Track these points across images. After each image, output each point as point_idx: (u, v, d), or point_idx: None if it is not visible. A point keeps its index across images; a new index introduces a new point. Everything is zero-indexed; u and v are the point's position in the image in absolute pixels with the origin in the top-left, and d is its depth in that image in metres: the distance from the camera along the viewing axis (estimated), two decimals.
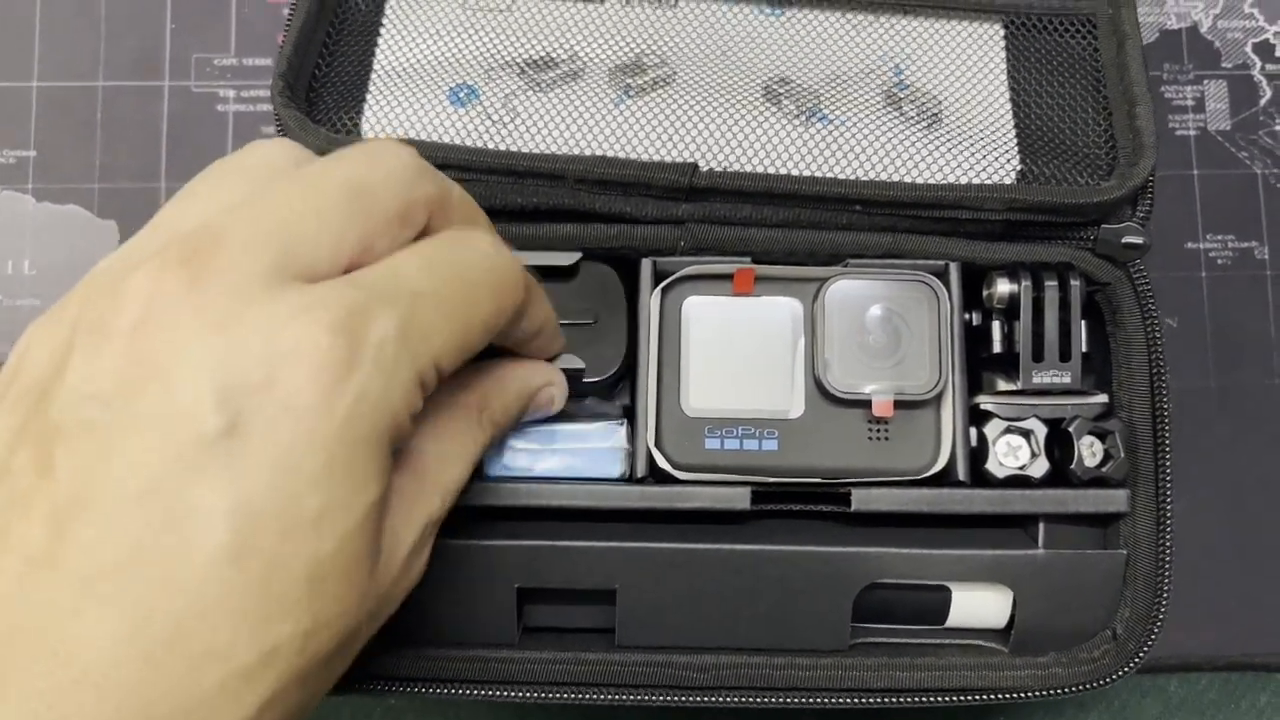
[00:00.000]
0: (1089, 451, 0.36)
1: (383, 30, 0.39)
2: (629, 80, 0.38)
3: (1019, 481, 0.36)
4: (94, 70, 0.43)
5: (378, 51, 0.39)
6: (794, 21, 0.40)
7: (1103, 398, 0.36)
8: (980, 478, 0.36)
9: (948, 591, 0.37)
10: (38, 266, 0.42)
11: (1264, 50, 0.44)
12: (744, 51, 0.40)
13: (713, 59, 0.39)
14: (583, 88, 0.38)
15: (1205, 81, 0.44)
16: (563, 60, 0.39)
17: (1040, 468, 0.36)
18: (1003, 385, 0.36)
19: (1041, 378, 0.36)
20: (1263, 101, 0.44)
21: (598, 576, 0.36)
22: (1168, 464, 0.36)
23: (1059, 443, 0.36)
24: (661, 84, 0.38)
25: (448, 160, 0.36)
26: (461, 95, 0.38)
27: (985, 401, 0.36)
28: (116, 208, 0.42)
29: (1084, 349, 0.37)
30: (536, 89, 0.38)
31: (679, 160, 0.36)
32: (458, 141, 0.37)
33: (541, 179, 0.36)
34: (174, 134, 0.43)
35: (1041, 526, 0.36)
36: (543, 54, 0.39)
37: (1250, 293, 0.43)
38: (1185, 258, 0.43)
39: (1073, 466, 0.36)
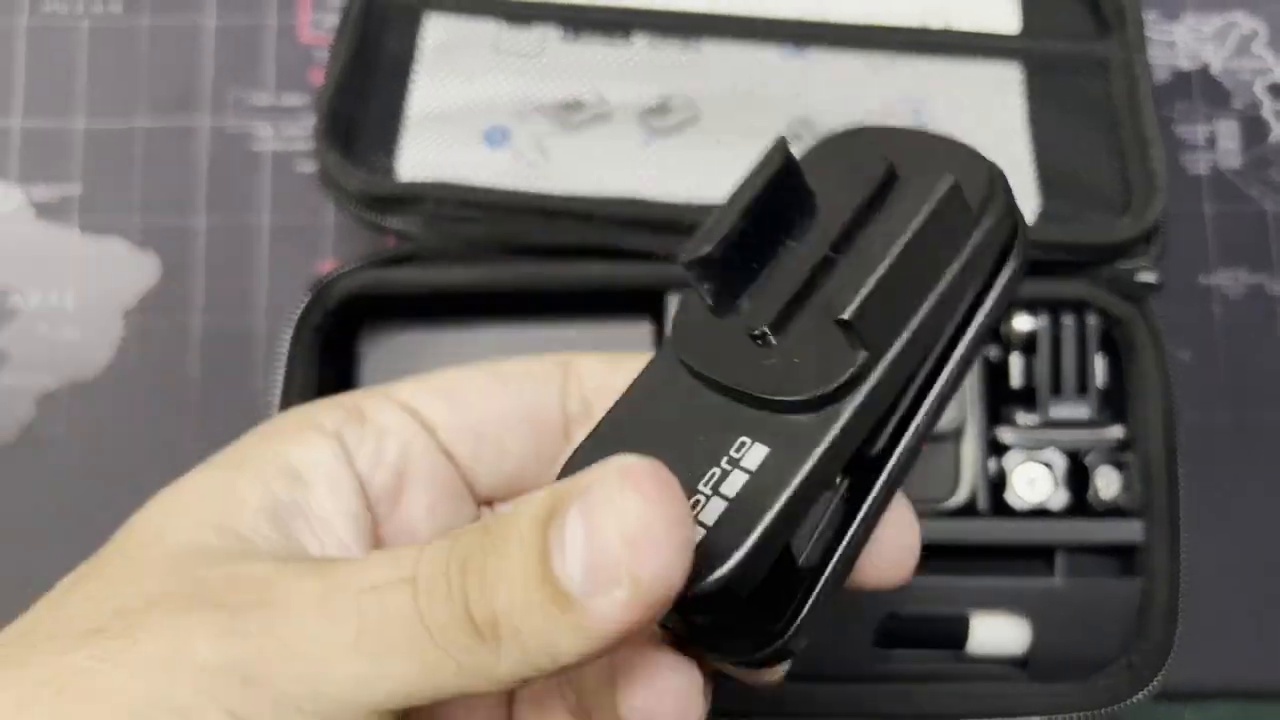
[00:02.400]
0: (1105, 483, 0.37)
1: (416, 74, 0.41)
2: (656, 122, 0.40)
3: (1038, 512, 0.37)
4: (135, 109, 0.45)
5: (412, 94, 0.40)
6: (816, 64, 0.41)
7: (1119, 430, 0.37)
8: (1000, 508, 0.37)
9: (967, 620, 0.37)
10: (81, 298, 0.43)
11: (1274, 90, 0.46)
12: (768, 93, 0.41)
13: (737, 101, 0.41)
14: (612, 129, 0.39)
15: (1216, 120, 0.45)
16: (592, 103, 0.40)
17: (1060, 499, 0.37)
18: (1022, 418, 0.37)
19: (1059, 411, 0.37)
20: (1272, 140, 0.45)
21: None
22: (1181, 496, 0.37)
23: (1076, 474, 0.37)
24: (687, 125, 0.40)
25: (482, 200, 0.37)
26: (495, 137, 0.39)
27: (1005, 434, 0.37)
28: (156, 241, 0.44)
29: (1100, 383, 0.38)
30: (567, 130, 0.39)
31: (706, 201, 0.38)
32: (491, 182, 0.38)
33: (572, 218, 0.37)
34: (212, 171, 0.44)
35: (1059, 556, 0.37)
36: (573, 96, 0.40)
37: (1262, 327, 0.43)
38: (1198, 293, 0.44)
39: (1089, 497, 0.36)
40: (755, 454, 0.18)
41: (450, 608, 0.16)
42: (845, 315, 0.17)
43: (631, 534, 0.16)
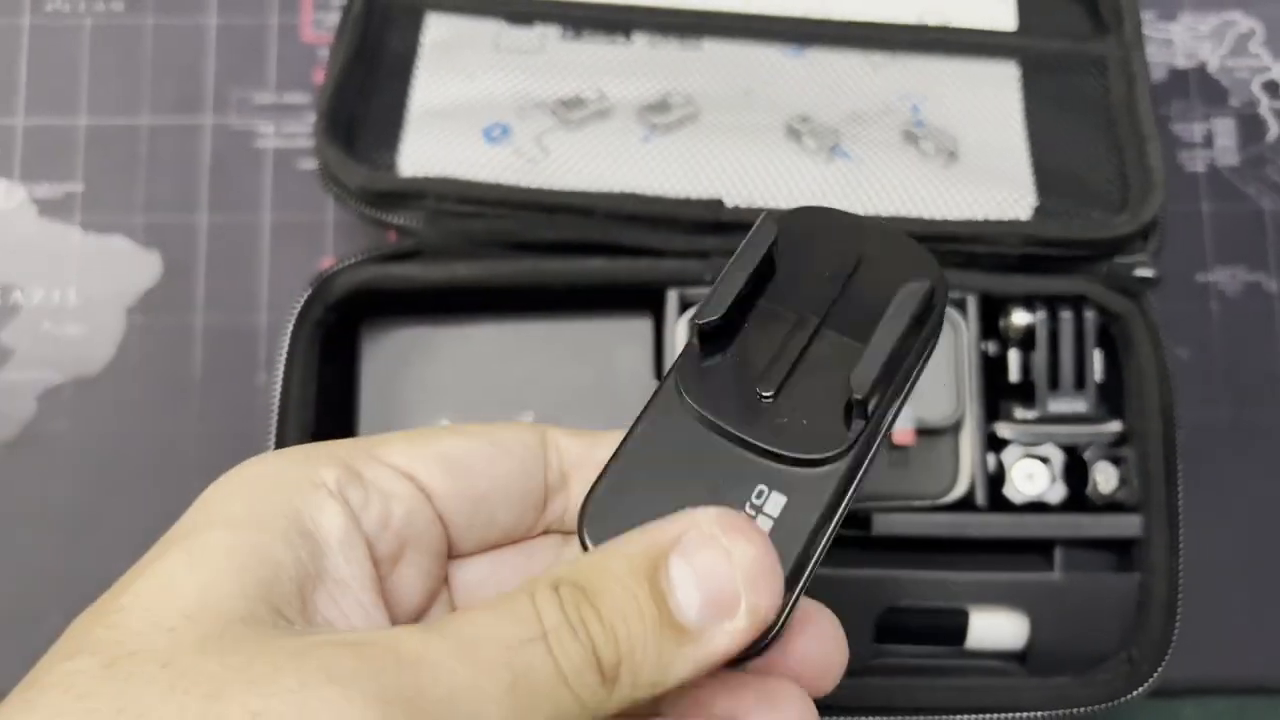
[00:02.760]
0: (1103, 477, 0.37)
1: (418, 71, 0.41)
2: (655, 119, 0.40)
3: (1036, 507, 0.37)
4: (139, 107, 0.45)
5: (414, 91, 0.41)
6: (814, 61, 0.42)
7: (1117, 425, 0.37)
8: (998, 503, 0.37)
9: (966, 614, 0.38)
10: (84, 295, 0.43)
11: (1271, 88, 0.46)
12: (767, 90, 0.41)
13: (736, 97, 0.41)
14: (611, 126, 0.40)
15: (1213, 119, 0.45)
16: (592, 99, 0.40)
17: (1057, 493, 0.37)
18: (1020, 413, 0.37)
19: (1058, 405, 0.37)
20: (1269, 138, 0.45)
21: None
22: (1180, 490, 0.37)
23: (1074, 469, 0.37)
24: (687, 122, 0.40)
25: (483, 196, 0.38)
26: (495, 134, 0.39)
27: (1003, 429, 0.37)
28: (159, 239, 0.44)
29: (1098, 378, 0.38)
30: (567, 127, 0.40)
31: (705, 196, 0.38)
32: (492, 178, 0.38)
33: (572, 214, 0.37)
34: (214, 168, 0.44)
35: (1058, 551, 0.37)
36: (573, 93, 0.40)
37: (1260, 324, 0.44)
38: (1195, 290, 0.44)
39: (1088, 492, 0.37)
40: (775, 501, 0.21)
41: (581, 653, 0.18)
42: (859, 395, 0.21)
43: (749, 573, 0.19)
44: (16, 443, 0.43)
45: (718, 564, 0.19)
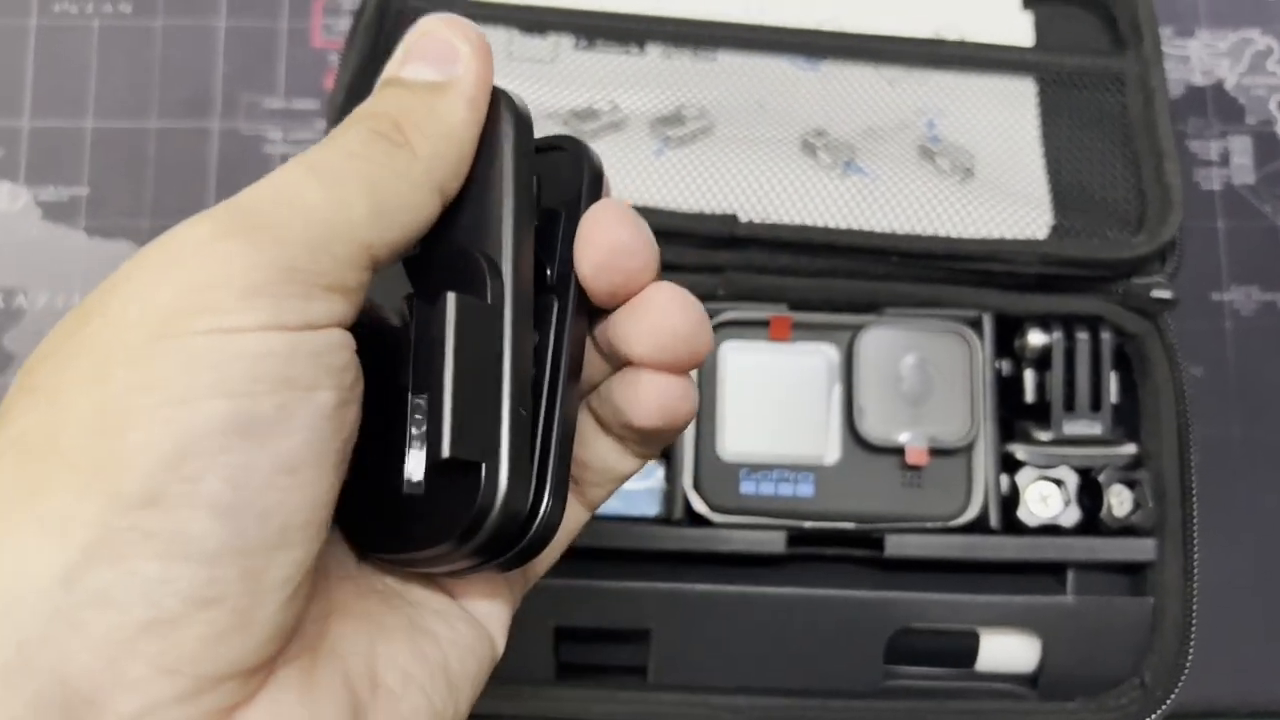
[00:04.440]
0: (1118, 500, 0.36)
1: None
2: (669, 131, 0.39)
3: (1050, 529, 0.37)
4: (147, 111, 0.45)
5: None
6: (829, 75, 0.41)
7: (1132, 448, 0.37)
8: (1012, 525, 0.37)
9: (977, 636, 0.37)
10: None
11: None
12: (781, 103, 0.41)
13: (750, 111, 0.40)
14: (625, 138, 0.39)
15: (1230, 136, 0.45)
16: (605, 111, 0.40)
17: (1071, 516, 0.36)
18: (1034, 434, 0.37)
19: (1073, 428, 0.37)
20: None
21: (633, 617, 0.36)
22: (1194, 513, 0.36)
23: (1089, 491, 0.37)
24: (701, 135, 0.39)
25: None
26: None
27: (1017, 450, 0.37)
28: None
29: (1114, 399, 0.37)
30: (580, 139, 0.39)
31: (719, 211, 0.37)
32: None
33: None
34: (222, 174, 0.44)
35: (1071, 574, 0.37)
36: (585, 105, 0.40)
37: (1274, 343, 0.43)
38: (1210, 309, 0.44)
39: (1102, 515, 0.36)
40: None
41: (365, 132, 0.21)
42: (445, 454, 0.20)
43: (446, 24, 0.22)
44: None
45: (419, 40, 0.22)
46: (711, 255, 0.37)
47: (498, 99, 0.22)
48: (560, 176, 0.23)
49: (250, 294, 0.19)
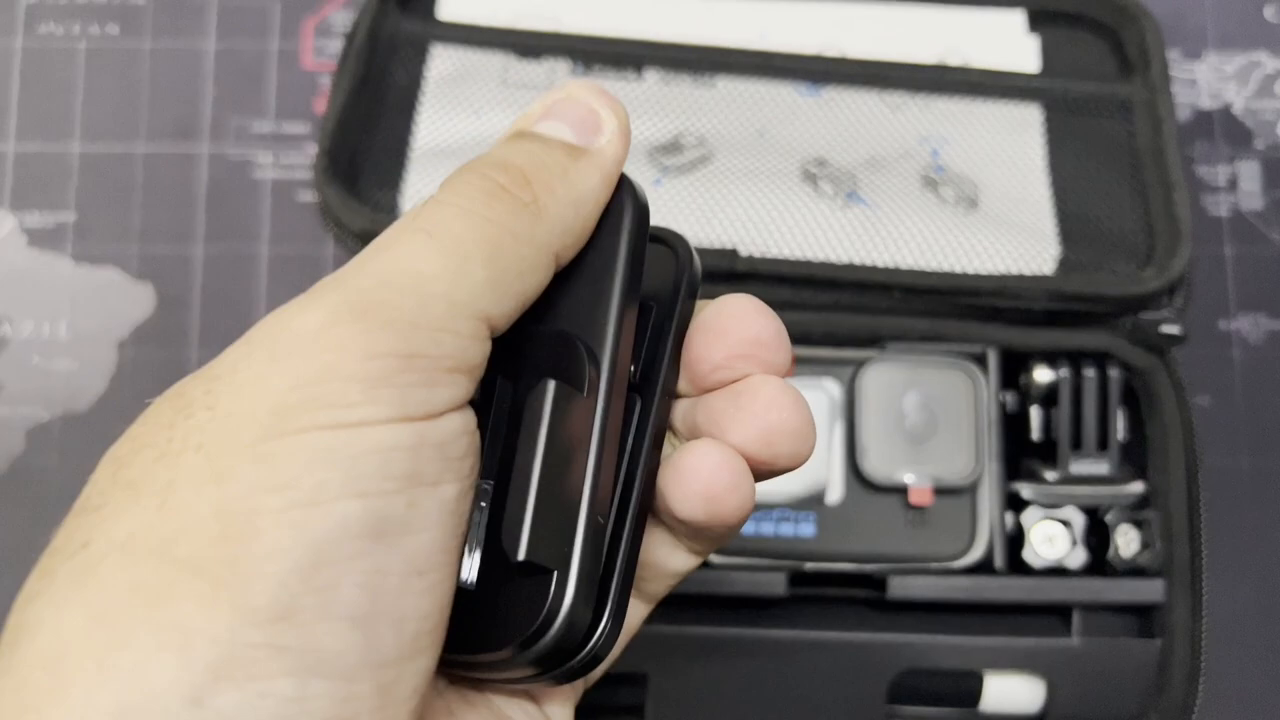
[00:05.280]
0: (1125, 541, 0.36)
1: (422, 107, 0.40)
2: (667, 160, 0.39)
3: (1055, 571, 0.36)
4: (134, 135, 0.44)
5: (417, 129, 0.39)
6: (831, 101, 0.40)
7: (1139, 486, 0.36)
8: (1017, 565, 0.36)
9: (981, 677, 0.36)
10: (74, 329, 0.42)
11: None
12: (781, 131, 0.40)
13: (750, 139, 0.40)
14: None
15: (1238, 161, 0.44)
16: None
17: (1078, 557, 0.36)
18: (1041, 473, 0.36)
19: (1080, 467, 0.36)
20: None
21: (631, 660, 0.35)
22: (1203, 552, 0.36)
23: (1095, 532, 0.36)
24: (700, 164, 0.39)
25: None
26: None
27: (1023, 489, 0.36)
28: (153, 270, 0.43)
29: (1121, 437, 0.37)
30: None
31: (718, 243, 0.37)
32: None
33: None
34: (211, 199, 0.43)
35: (1076, 615, 0.36)
36: None
37: None
38: (1218, 337, 0.43)
39: (1109, 557, 0.36)
40: None
41: (491, 186, 0.20)
42: (520, 557, 0.19)
43: (593, 94, 0.21)
44: (5, 479, 0.42)
45: (563, 101, 0.21)
46: (712, 290, 0.36)
47: (622, 182, 0.21)
48: (654, 270, 0.22)
49: (372, 385, 0.17)
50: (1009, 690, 0.37)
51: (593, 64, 0.41)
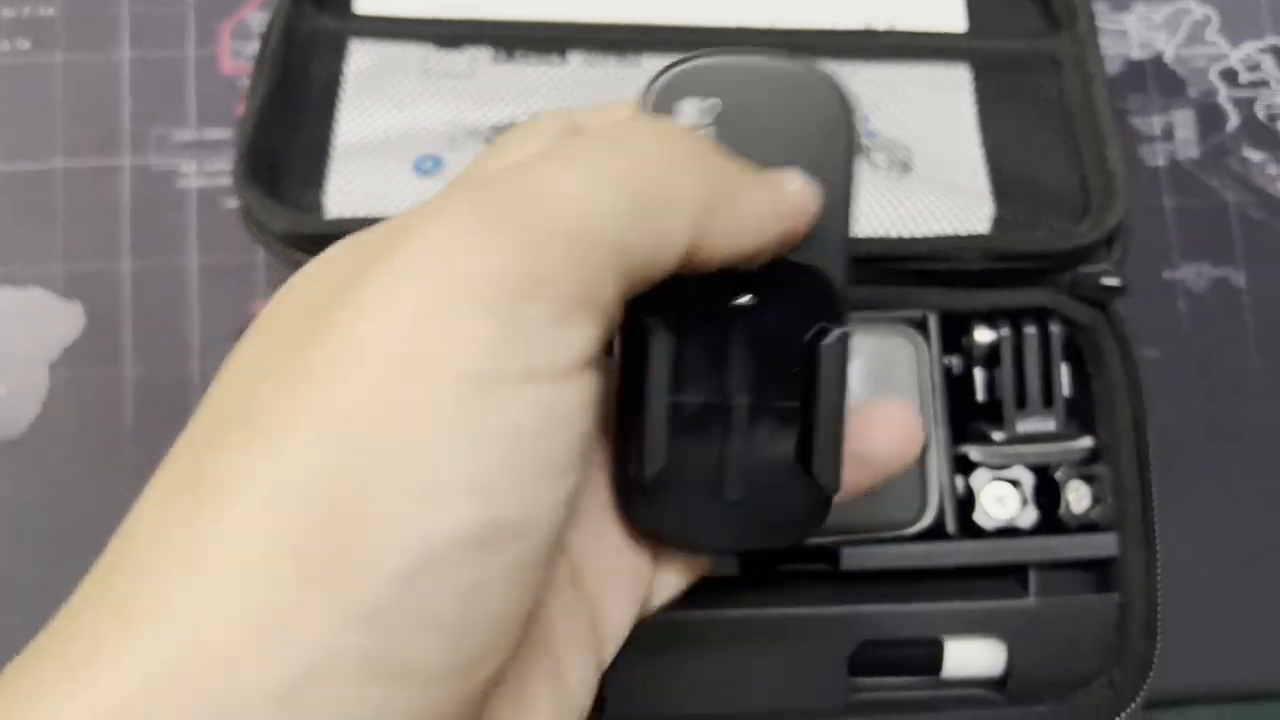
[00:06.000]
0: (1076, 497, 0.35)
1: (342, 104, 0.39)
2: None
3: (1008, 531, 0.36)
4: (52, 151, 0.43)
5: (338, 126, 0.38)
6: None
7: (1088, 442, 0.36)
8: (969, 528, 0.36)
9: (941, 644, 0.36)
10: (2, 353, 0.41)
11: (1228, 76, 0.44)
12: None
13: None
14: None
15: (1172, 110, 0.44)
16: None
17: (1029, 516, 0.35)
18: (987, 433, 0.36)
19: (1026, 425, 0.36)
20: (1230, 128, 0.44)
21: None
22: (1155, 505, 0.35)
23: (1046, 490, 0.36)
24: None
25: None
26: (426, 165, 0.37)
27: (971, 451, 0.36)
28: (81, 288, 0.42)
29: (1066, 393, 0.36)
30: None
31: None
32: None
33: None
34: (136, 212, 0.42)
35: (1033, 575, 0.36)
36: (507, 118, 0.38)
37: (1228, 320, 0.43)
38: (1162, 288, 0.43)
39: (1060, 513, 0.35)
40: None
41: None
42: (835, 492, 0.24)
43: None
44: None
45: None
46: None
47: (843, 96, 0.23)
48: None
49: (502, 318, 0.16)
50: (970, 655, 0.36)
51: (514, 50, 0.40)
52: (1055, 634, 0.36)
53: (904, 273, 0.36)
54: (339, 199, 0.37)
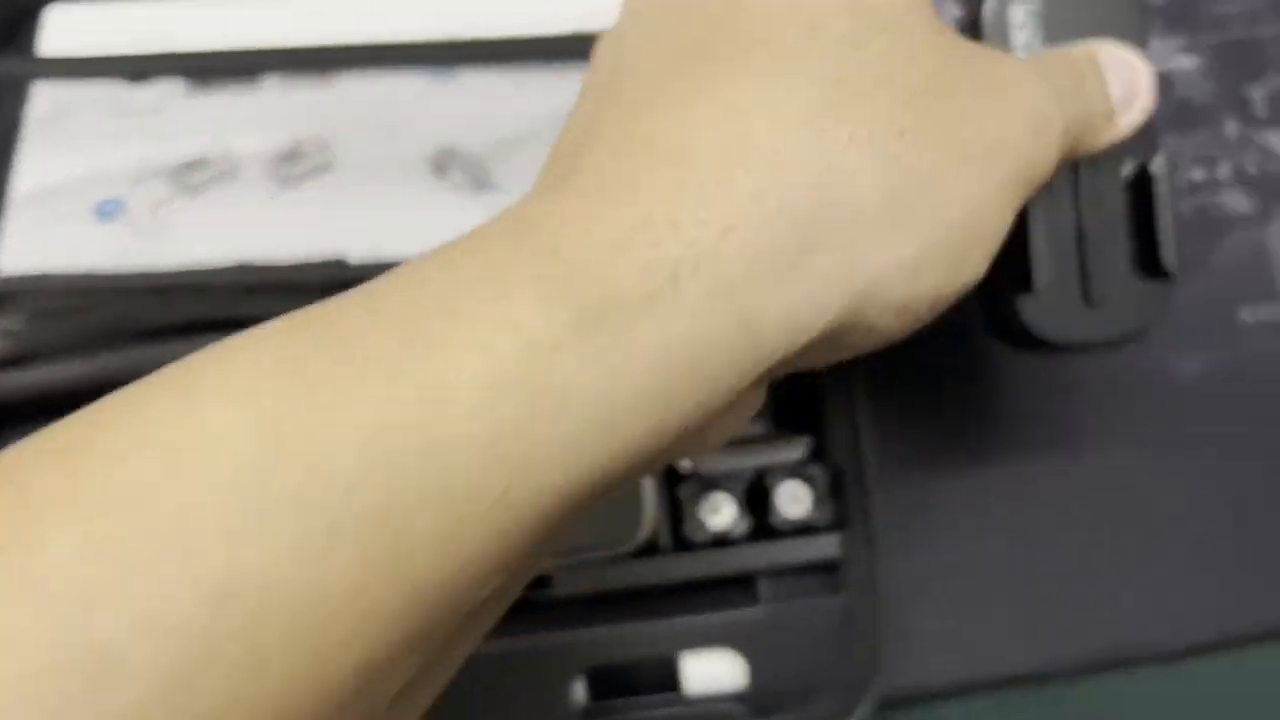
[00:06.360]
0: (791, 499, 0.35)
1: (21, 150, 0.37)
2: (286, 171, 0.37)
3: (727, 540, 0.35)
4: None
5: (17, 174, 0.37)
6: (461, 86, 0.39)
7: (804, 442, 0.35)
8: (684, 542, 0.35)
9: (675, 660, 0.35)
10: None
11: None
12: (413, 124, 0.38)
13: (380, 136, 0.38)
14: (238, 185, 0.36)
15: None
16: (216, 158, 0.37)
17: (743, 525, 0.35)
18: None
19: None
20: None
21: None
22: (873, 500, 0.35)
23: (760, 495, 0.35)
24: (318, 172, 0.37)
25: (86, 287, 0.34)
26: (108, 210, 0.36)
27: (682, 462, 0.35)
28: None
29: (779, 390, 0.36)
30: (188, 193, 0.36)
31: (330, 254, 0.35)
32: (98, 263, 0.35)
33: (187, 293, 0.34)
34: None
35: (762, 582, 0.35)
36: (195, 154, 0.37)
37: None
38: None
39: (774, 519, 0.34)
40: None
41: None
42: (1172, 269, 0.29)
43: (1147, 75, 0.27)
44: None
45: (1130, 64, 0.26)
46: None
47: None
48: None
49: None
50: (709, 670, 0.36)
51: (207, 79, 0.38)
52: (787, 640, 0.35)
53: None
54: (14, 253, 0.35)
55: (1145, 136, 0.28)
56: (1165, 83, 0.44)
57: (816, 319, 0.20)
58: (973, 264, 0.22)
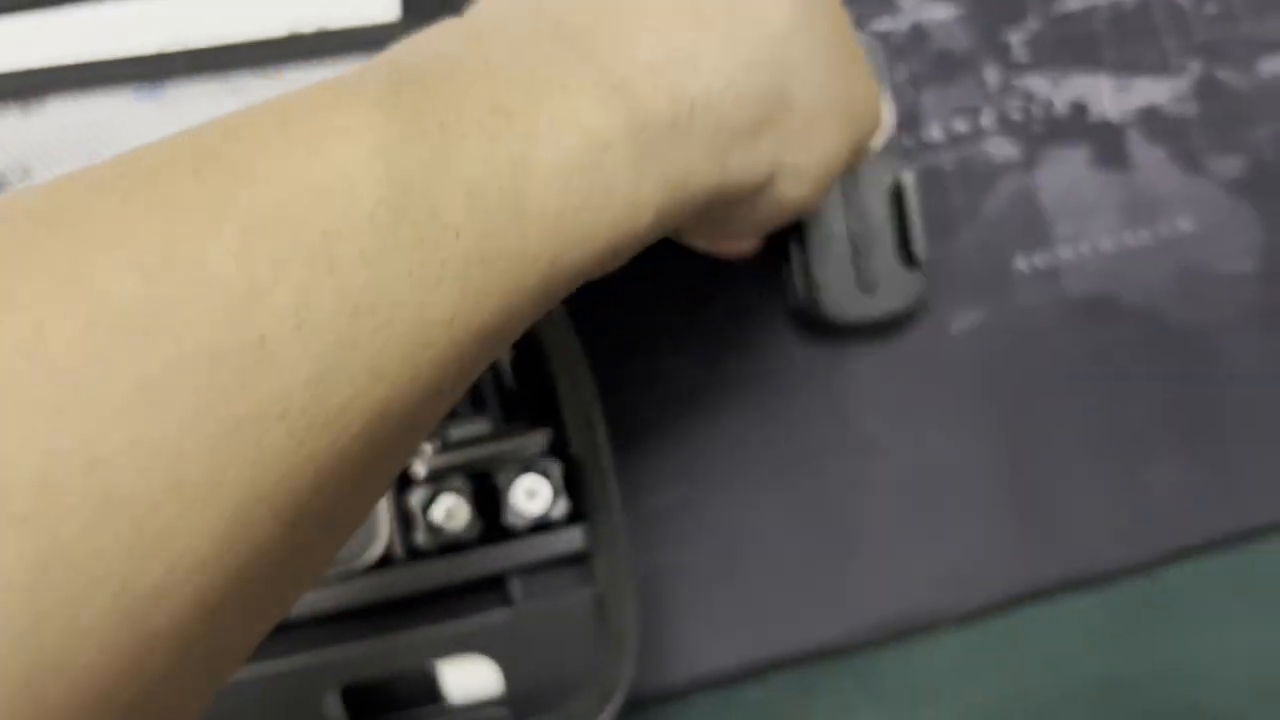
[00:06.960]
0: (527, 495, 0.34)
1: None
2: None
3: (460, 545, 0.34)
4: None
5: None
6: (173, 98, 0.37)
7: (541, 435, 0.34)
8: (417, 550, 0.34)
9: (431, 670, 0.34)
10: None
11: None
12: (120, 145, 0.36)
13: (85, 160, 0.36)
14: None
15: None
16: None
17: (475, 527, 0.34)
18: (424, 446, 0.34)
19: (458, 431, 0.34)
20: None
21: None
22: (616, 490, 0.34)
23: (492, 494, 0.34)
24: None
25: None
26: None
27: (414, 466, 0.34)
28: None
29: (511, 386, 0.35)
30: None
31: None
32: None
33: None
34: None
35: (512, 582, 0.34)
36: None
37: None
38: None
39: (509, 517, 0.33)
40: None
41: None
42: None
43: None
44: None
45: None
46: None
47: None
48: None
49: None
50: (467, 677, 0.35)
51: None
52: (539, 640, 0.34)
53: None
54: None
55: (898, 156, 0.38)
56: (921, 35, 0.44)
57: (759, 169, 0.26)
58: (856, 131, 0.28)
